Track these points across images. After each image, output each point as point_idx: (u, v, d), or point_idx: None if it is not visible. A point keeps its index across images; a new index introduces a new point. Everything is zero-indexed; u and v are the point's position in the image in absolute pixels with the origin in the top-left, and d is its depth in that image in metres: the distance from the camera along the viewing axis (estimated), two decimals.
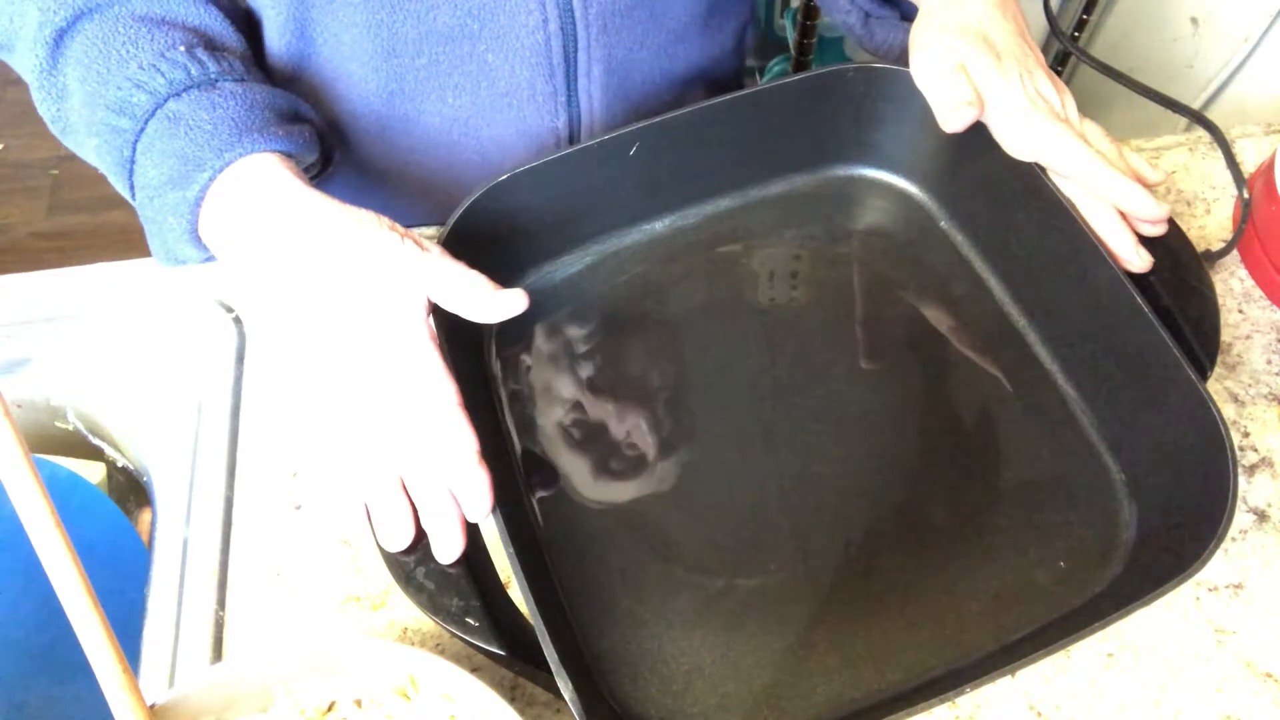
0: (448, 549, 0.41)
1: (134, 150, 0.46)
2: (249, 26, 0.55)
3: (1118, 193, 0.48)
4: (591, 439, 0.51)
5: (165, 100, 0.45)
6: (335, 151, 0.57)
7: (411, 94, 0.57)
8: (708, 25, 0.62)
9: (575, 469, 0.50)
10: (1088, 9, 1.07)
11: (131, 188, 0.47)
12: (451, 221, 0.48)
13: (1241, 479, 0.51)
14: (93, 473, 0.64)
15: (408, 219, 0.63)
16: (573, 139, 0.61)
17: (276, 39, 0.55)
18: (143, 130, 0.45)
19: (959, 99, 0.48)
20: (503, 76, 0.56)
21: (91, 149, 0.48)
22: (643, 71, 0.61)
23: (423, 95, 0.57)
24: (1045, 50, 1.17)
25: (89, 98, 0.46)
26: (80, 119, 0.48)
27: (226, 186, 0.44)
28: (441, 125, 0.59)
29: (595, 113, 0.60)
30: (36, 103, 0.49)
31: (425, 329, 0.43)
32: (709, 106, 0.52)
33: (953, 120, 0.49)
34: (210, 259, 0.47)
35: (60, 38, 0.47)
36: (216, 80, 0.47)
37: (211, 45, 0.49)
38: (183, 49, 0.46)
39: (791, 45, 1.31)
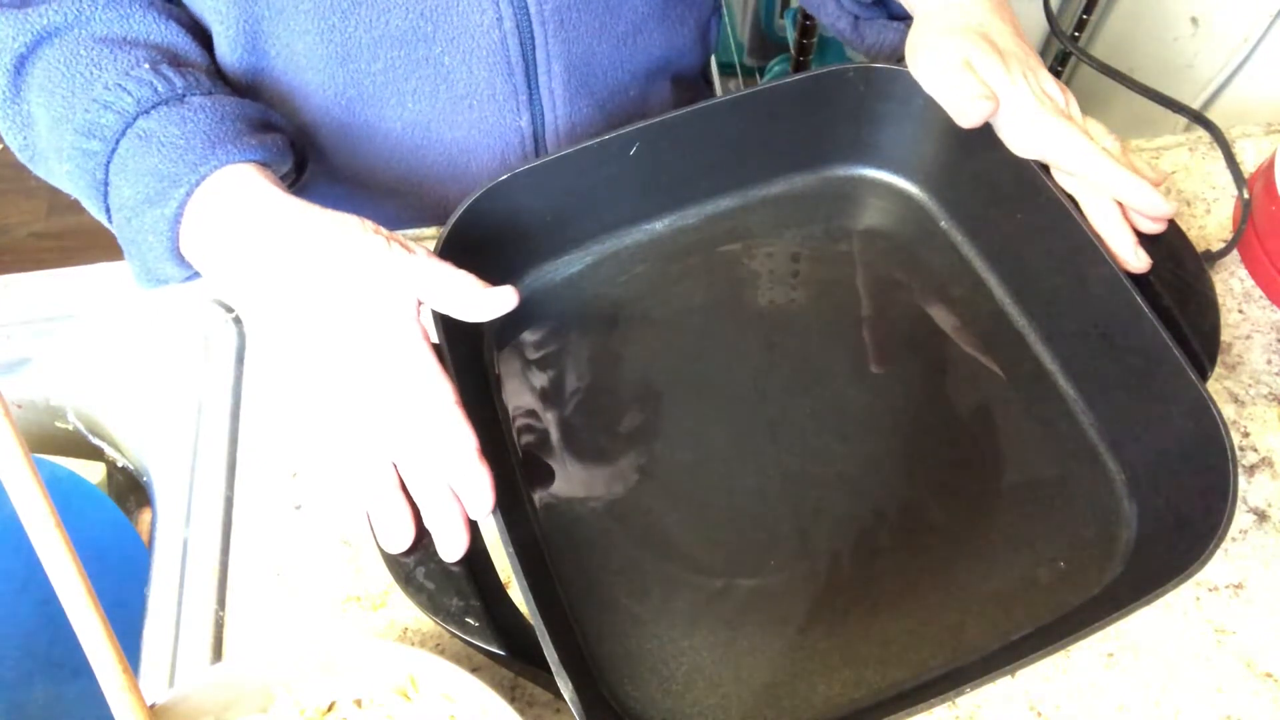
0: (452, 547, 0.41)
1: (107, 172, 0.45)
2: (210, 43, 0.54)
3: (1124, 189, 0.47)
4: (591, 439, 0.51)
5: (134, 119, 0.45)
6: (309, 159, 0.56)
7: (370, 100, 0.56)
8: (666, 16, 0.62)
9: (575, 469, 0.50)
10: (1088, 9, 1.07)
11: (107, 210, 0.47)
12: (451, 222, 0.48)
13: (1241, 479, 0.51)
14: (93, 473, 0.64)
15: (386, 225, 0.62)
16: (537, 137, 0.61)
17: (229, 52, 0.54)
18: (114, 151, 0.45)
19: (974, 92, 0.48)
20: (461, 78, 0.56)
21: (63, 174, 0.47)
22: (603, 65, 0.60)
23: (382, 101, 0.56)
24: (1045, 50, 1.18)
25: (55, 123, 0.46)
26: (49, 145, 0.47)
27: (205, 200, 0.44)
28: (404, 131, 0.58)
29: (558, 109, 0.60)
30: (1, 132, 0.49)
31: (417, 330, 0.43)
32: (709, 106, 0.52)
33: (970, 113, 0.48)
34: (192, 277, 0.47)
35: (20, 65, 0.47)
36: (184, 95, 0.46)
37: (176, 61, 0.48)
38: (147, 66, 0.46)
39: (791, 45, 1.31)
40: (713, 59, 1.29)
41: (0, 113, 0.48)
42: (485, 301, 0.44)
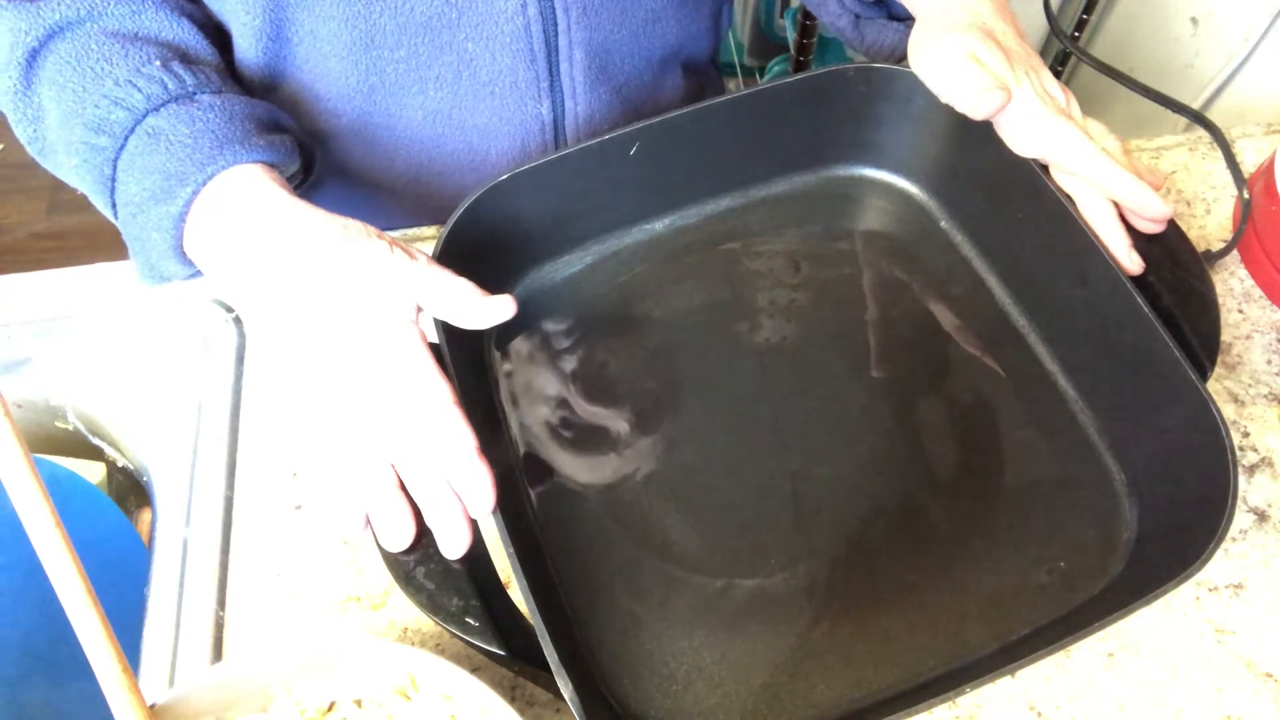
0: (454, 543, 0.41)
1: (115, 168, 0.45)
2: (221, 40, 0.54)
3: (1123, 189, 0.48)
4: (592, 439, 0.51)
5: (144, 116, 0.45)
6: (316, 161, 0.56)
7: (392, 88, 0.56)
8: (684, 4, 0.62)
9: (576, 469, 0.50)
10: (1088, 9, 1.07)
11: (113, 205, 0.47)
12: (451, 222, 0.48)
13: (1241, 479, 0.51)
14: (93, 473, 0.64)
15: (398, 220, 0.62)
16: (557, 125, 0.61)
17: (253, 45, 0.54)
18: (123, 147, 0.45)
19: (986, 85, 0.48)
20: (484, 66, 0.56)
21: (71, 169, 0.47)
22: (621, 53, 0.60)
23: (404, 89, 0.57)
24: (1045, 50, 1.18)
25: (65, 117, 0.46)
26: (59, 139, 0.47)
27: (210, 199, 0.44)
28: (425, 119, 0.59)
29: (578, 96, 0.60)
30: (13, 125, 0.49)
31: (414, 332, 0.43)
32: (709, 106, 0.52)
33: (983, 105, 0.48)
34: (194, 275, 0.47)
35: (33, 58, 0.47)
36: (194, 93, 0.46)
37: (186, 59, 0.48)
38: (158, 63, 0.46)
39: (791, 45, 1.31)
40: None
41: (11, 106, 0.48)
42: (483, 309, 0.44)
